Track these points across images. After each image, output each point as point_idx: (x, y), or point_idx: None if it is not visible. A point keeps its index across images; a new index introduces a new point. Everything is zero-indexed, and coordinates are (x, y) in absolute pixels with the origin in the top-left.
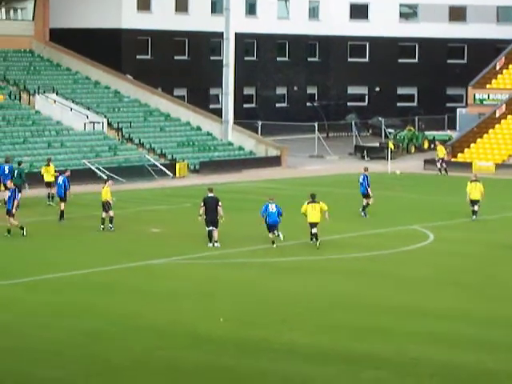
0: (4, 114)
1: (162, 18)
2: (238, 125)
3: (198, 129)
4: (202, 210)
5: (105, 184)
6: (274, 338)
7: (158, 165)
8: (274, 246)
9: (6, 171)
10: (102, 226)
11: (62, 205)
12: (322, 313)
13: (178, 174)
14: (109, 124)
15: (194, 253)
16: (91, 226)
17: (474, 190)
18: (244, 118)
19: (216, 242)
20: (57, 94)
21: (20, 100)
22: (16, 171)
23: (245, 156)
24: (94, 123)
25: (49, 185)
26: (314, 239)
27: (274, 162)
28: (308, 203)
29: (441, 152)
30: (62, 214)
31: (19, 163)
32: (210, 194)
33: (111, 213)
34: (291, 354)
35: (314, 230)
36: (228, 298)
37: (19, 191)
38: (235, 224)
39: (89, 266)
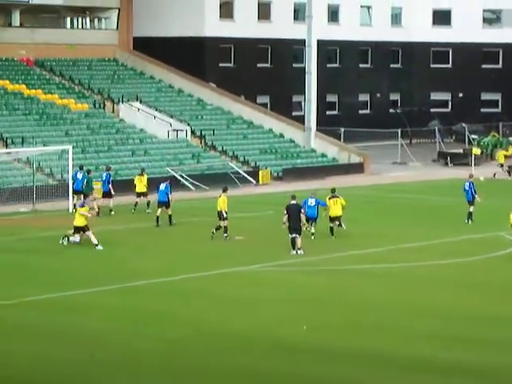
0: (88, 122)
1: (245, 25)
2: (320, 132)
3: (281, 136)
4: (285, 218)
5: (222, 193)
6: (355, 346)
7: (241, 172)
8: (312, 237)
9: (80, 177)
10: (226, 235)
11: (169, 210)
12: (405, 320)
13: (260, 182)
14: (192, 132)
15: (276, 260)
16: (175, 233)
17: None
18: (327, 125)
19: (299, 249)
20: (140, 102)
21: (104, 108)
22: (85, 180)
23: (327, 163)
24: (177, 131)
25: (140, 195)
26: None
27: (357, 168)
28: (329, 198)
29: (500, 158)
30: (170, 218)
31: (88, 172)
32: (293, 202)
33: (225, 222)
34: (374, 361)
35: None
36: (309, 305)
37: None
38: (317, 232)
39: (173, 273)
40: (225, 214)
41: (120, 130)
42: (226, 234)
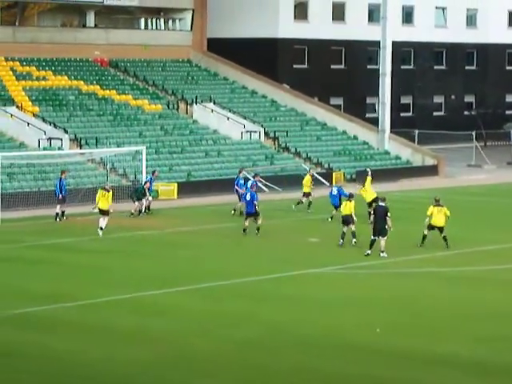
0: (162, 123)
1: (319, 27)
2: (394, 134)
3: (355, 138)
4: (372, 218)
5: (350, 198)
6: (429, 349)
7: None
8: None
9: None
10: (355, 240)
11: (258, 220)
12: (479, 323)
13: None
14: (265, 133)
15: (351, 262)
16: (248, 235)
17: None
18: (401, 127)
19: (382, 252)
20: (214, 103)
21: (178, 109)
22: (150, 180)
23: (401, 165)
24: (250, 132)
25: (103, 212)
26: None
27: (431, 171)
28: (434, 206)
29: None
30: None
31: (153, 172)
32: (382, 203)
33: (353, 227)
34: (448, 365)
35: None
36: (384, 308)
37: (139, 200)
38: (393, 234)
39: (247, 274)
40: (354, 218)
41: (193, 131)
42: (354, 240)
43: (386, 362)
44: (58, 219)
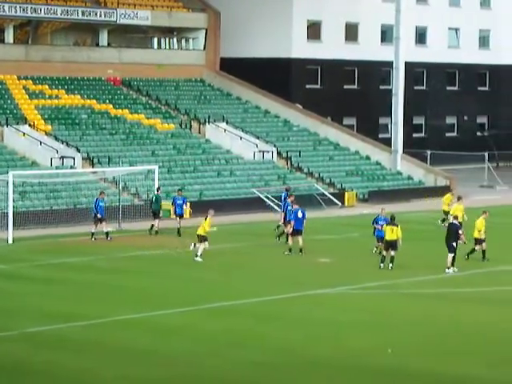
0: (175, 142)
1: (332, 47)
2: (407, 154)
3: (367, 158)
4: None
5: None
6: (441, 371)
7: (327, 194)
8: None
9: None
10: (382, 265)
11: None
12: (497, 345)
13: (346, 203)
14: (278, 153)
15: (363, 282)
16: (260, 255)
17: None
18: (413, 148)
19: (449, 267)
20: (227, 122)
21: (190, 129)
22: (154, 197)
23: (414, 185)
24: (263, 152)
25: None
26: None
27: (444, 191)
28: (387, 225)
29: None
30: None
31: (157, 189)
32: (454, 221)
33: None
34: None
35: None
36: (396, 329)
37: (158, 217)
38: (404, 254)
39: (258, 294)
40: (400, 243)
41: (206, 151)
42: (391, 265)
43: (397, 383)
44: (93, 238)
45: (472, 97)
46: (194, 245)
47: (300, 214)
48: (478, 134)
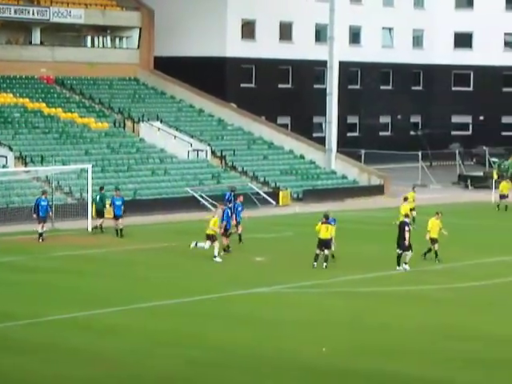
0: (109, 141)
1: (267, 46)
2: (341, 153)
3: (302, 157)
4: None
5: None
6: (377, 369)
7: (261, 193)
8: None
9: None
10: (315, 263)
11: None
12: (431, 344)
13: (280, 202)
14: (212, 152)
15: (297, 281)
16: (197, 254)
17: None
18: (347, 147)
19: (405, 263)
20: (161, 121)
21: (124, 128)
22: (98, 196)
23: (348, 185)
24: (197, 151)
25: None
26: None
27: (377, 190)
28: (322, 223)
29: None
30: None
31: (101, 188)
32: (405, 219)
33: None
34: None
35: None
36: (331, 328)
37: (102, 216)
38: (338, 253)
39: (194, 294)
40: (334, 243)
41: (140, 150)
42: (325, 264)
43: (332, 381)
44: (40, 239)
45: (406, 96)
46: (196, 244)
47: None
48: (412, 133)
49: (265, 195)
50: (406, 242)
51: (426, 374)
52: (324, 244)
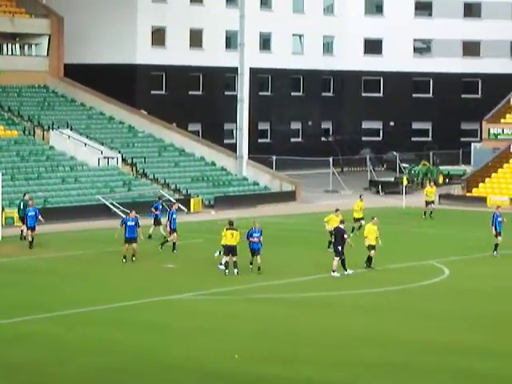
0: (18, 149)
1: (177, 53)
2: (252, 160)
3: (213, 164)
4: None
5: (229, 227)
6: (289, 375)
7: (173, 200)
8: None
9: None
10: (227, 271)
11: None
12: (338, 348)
13: (192, 209)
14: (123, 159)
15: (209, 288)
16: (106, 262)
17: None
18: (259, 153)
19: (333, 271)
20: (71, 129)
21: (34, 135)
22: (21, 203)
23: (259, 191)
24: (108, 158)
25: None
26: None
27: (289, 197)
28: (227, 229)
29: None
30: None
31: (24, 195)
32: (340, 226)
33: (235, 258)
34: None
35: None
36: (242, 334)
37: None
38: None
39: (105, 301)
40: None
41: (50, 158)
42: (236, 270)
43: None
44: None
45: (316, 102)
46: (220, 252)
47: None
48: (323, 139)
49: (176, 202)
50: (340, 247)
51: (331, 379)
52: (230, 250)
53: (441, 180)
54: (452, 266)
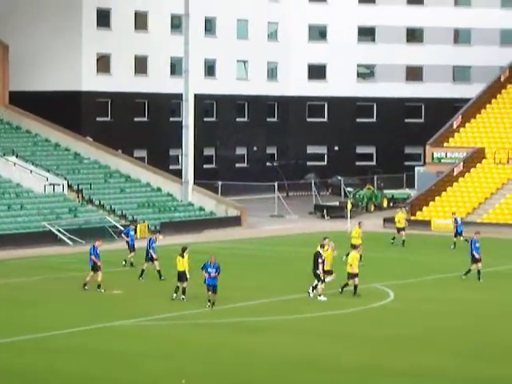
0: None
1: (122, 80)
2: (198, 185)
3: (159, 190)
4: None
5: (184, 253)
6: None
7: (119, 226)
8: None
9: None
10: (175, 295)
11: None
12: (287, 373)
13: (138, 235)
14: (69, 186)
15: (156, 314)
16: (54, 289)
17: None
18: (204, 179)
19: (319, 295)
20: (16, 156)
21: None
22: None
23: (205, 216)
24: (53, 185)
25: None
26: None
27: (235, 222)
28: (179, 255)
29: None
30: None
31: None
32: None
33: (186, 284)
34: None
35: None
36: (190, 359)
37: None
38: (197, 284)
39: (52, 328)
40: (187, 275)
41: None
42: (183, 296)
43: None
44: None
45: (261, 128)
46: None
47: None
48: (268, 164)
49: (122, 228)
50: (319, 271)
51: None
52: (180, 276)
53: (385, 204)
54: (397, 290)
